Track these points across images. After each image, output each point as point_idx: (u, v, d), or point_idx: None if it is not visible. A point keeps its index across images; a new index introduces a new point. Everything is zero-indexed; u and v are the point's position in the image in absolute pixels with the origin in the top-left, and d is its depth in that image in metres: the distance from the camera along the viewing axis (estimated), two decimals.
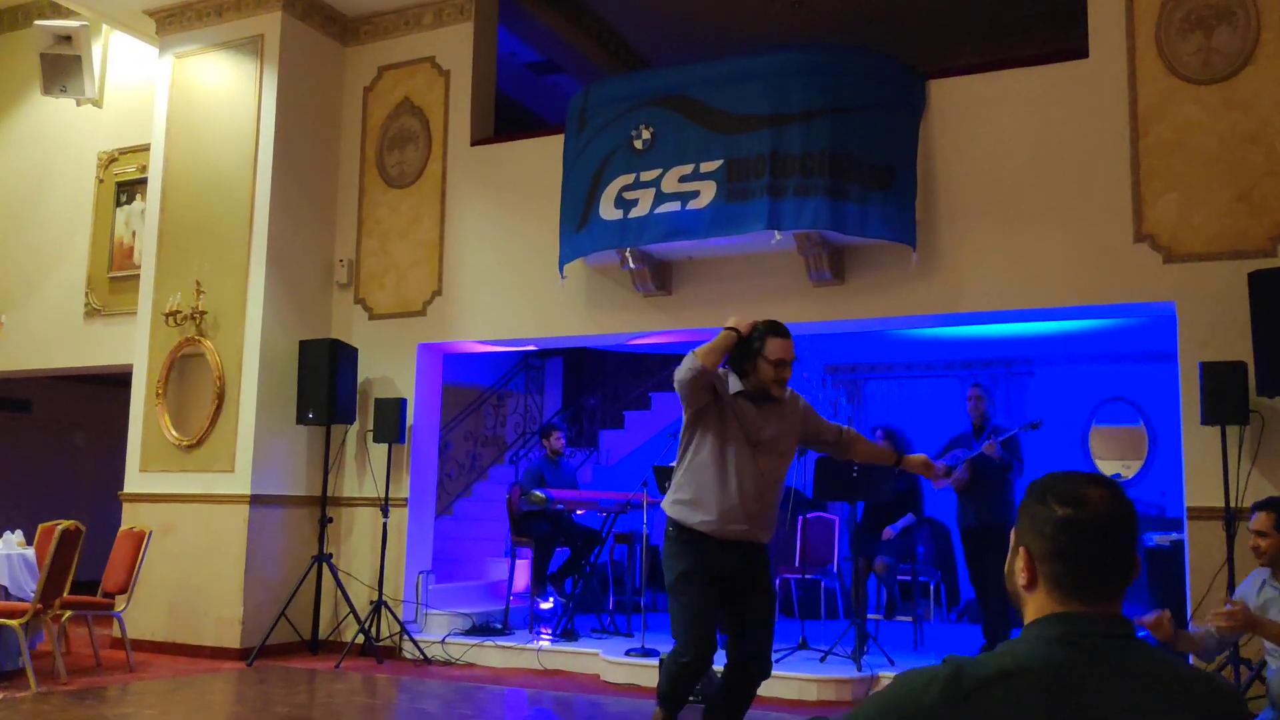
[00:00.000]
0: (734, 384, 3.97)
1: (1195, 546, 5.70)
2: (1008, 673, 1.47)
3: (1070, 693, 1.44)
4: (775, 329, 3.94)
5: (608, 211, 6.82)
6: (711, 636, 3.89)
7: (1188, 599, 5.70)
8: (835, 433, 4.21)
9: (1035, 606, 1.58)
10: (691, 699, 4.20)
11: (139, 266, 8.37)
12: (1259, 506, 3.96)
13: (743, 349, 3.92)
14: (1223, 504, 5.48)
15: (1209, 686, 1.51)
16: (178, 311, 7.84)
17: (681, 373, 3.85)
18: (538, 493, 7.71)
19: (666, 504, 4.04)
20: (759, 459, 3.91)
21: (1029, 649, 1.51)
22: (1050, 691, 1.44)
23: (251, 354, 7.67)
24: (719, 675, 4.13)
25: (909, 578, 7.68)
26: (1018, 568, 1.61)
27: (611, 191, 6.82)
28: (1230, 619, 3.52)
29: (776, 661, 6.33)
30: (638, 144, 6.80)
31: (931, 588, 8.28)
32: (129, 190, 8.89)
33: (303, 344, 7.77)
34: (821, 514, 8.93)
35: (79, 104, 9.03)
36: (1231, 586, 5.18)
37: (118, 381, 9.07)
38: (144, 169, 8.53)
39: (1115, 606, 1.55)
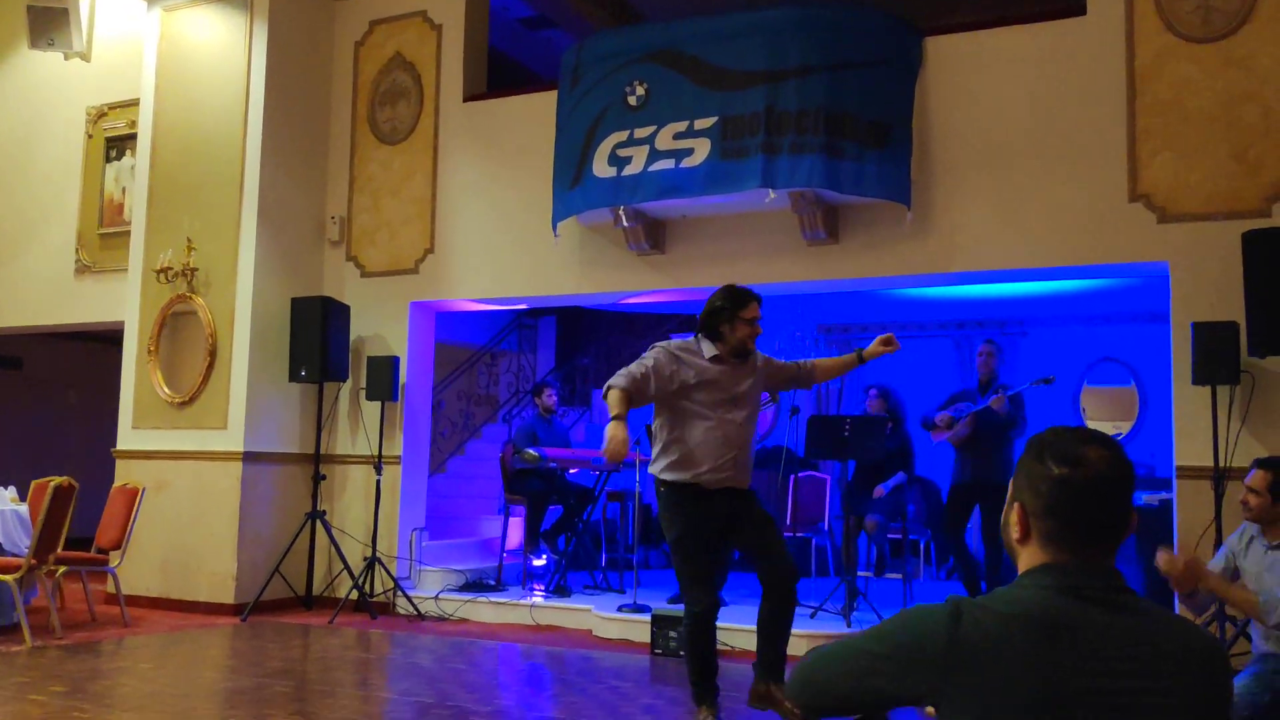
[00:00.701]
0: (707, 349, 4.26)
1: (1184, 505, 5.74)
2: (1006, 616, 1.50)
3: (1066, 639, 1.48)
4: (748, 293, 4.28)
5: (601, 169, 6.77)
6: (715, 585, 4.20)
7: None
8: (796, 368, 4.57)
9: (1028, 558, 1.61)
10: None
11: (129, 223, 8.33)
12: (1260, 464, 3.95)
13: (719, 314, 4.24)
14: (1212, 463, 5.52)
15: (1194, 636, 1.54)
16: (169, 268, 7.80)
17: (606, 394, 4.23)
18: (531, 451, 7.72)
19: (656, 470, 4.28)
20: (735, 413, 4.23)
21: (1026, 596, 1.54)
22: (1048, 636, 1.47)
23: (243, 311, 7.64)
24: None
25: (899, 536, 7.73)
26: (1012, 521, 1.63)
27: (605, 149, 6.77)
28: (1171, 565, 3.59)
29: None
30: (632, 100, 6.74)
31: (921, 546, 8.34)
32: (119, 146, 8.82)
33: (295, 301, 7.75)
34: (813, 473, 8.98)
35: (67, 58, 8.93)
36: (1219, 543, 5.23)
37: (109, 339, 9.05)
38: (134, 124, 8.45)
39: (1108, 559, 1.57)
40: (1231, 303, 5.53)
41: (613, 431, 4.04)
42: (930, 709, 1.56)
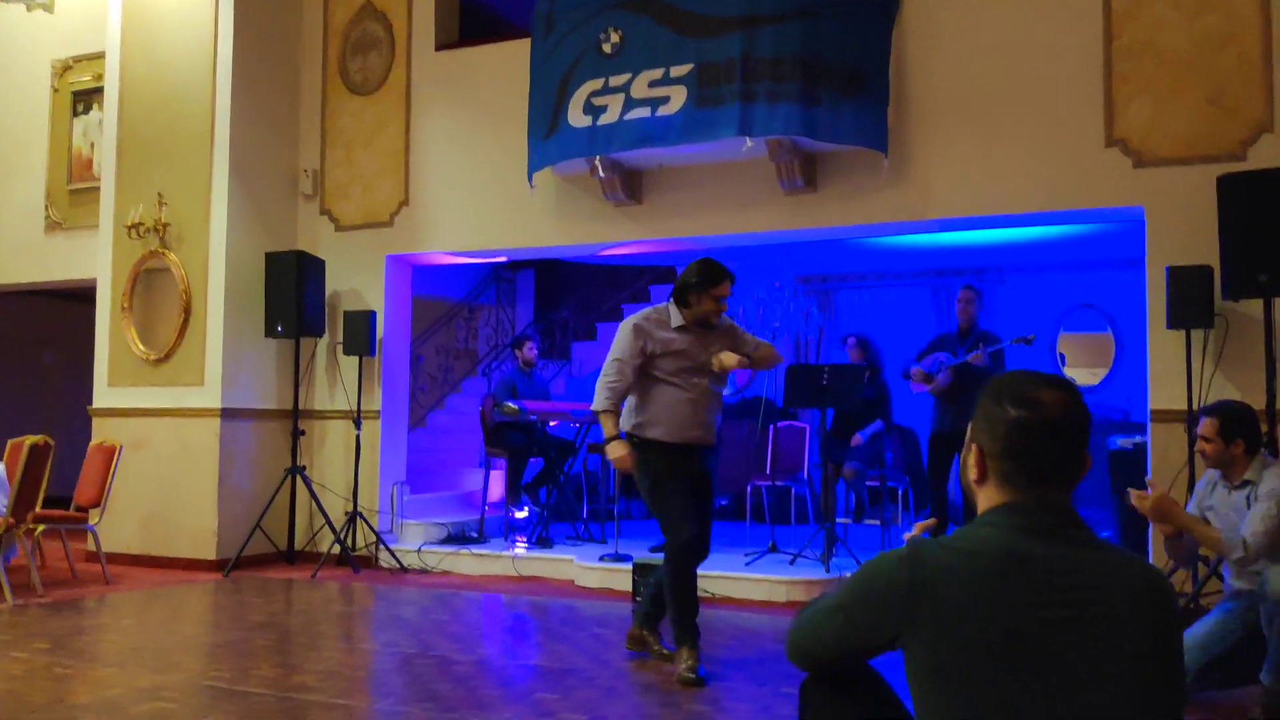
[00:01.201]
0: (675, 317, 4.47)
1: (1157, 448, 5.81)
2: (966, 554, 1.55)
3: (1023, 573, 1.52)
4: (722, 272, 4.46)
5: (576, 118, 6.70)
6: (696, 521, 4.33)
7: None
8: (754, 346, 4.67)
9: (986, 499, 1.66)
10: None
11: (99, 178, 8.22)
12: (1206, 412, 4.04)
13: (691, 287, 4.43)
14: (1185, 406, 5.57)
15: (1142, 569, 1.60)
16: (140, 224, 7.71)
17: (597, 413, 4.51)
18: (510, 404, 7.72)
19: (625, 426, 4.47)
20: (701, 379, 4.44)
21: (985, 534, 1.59)
22: (1005, 572, 1.52)
23: (217, 267, 7.57)
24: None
25: (877, 483, 7.80)
26: (970, 463, 1.68)
27: (580, 98, 6.70)
28: (1141, 502, 3.68)
29: (747, 565, 6.48)
30: (606, 48, 6.66)
31: (899, 492, 8.41)
32: (86, 100, 8.68)
33: (269, 256, 7.68)
34: (792, 422, 9.02)
35: (30, 9, 8.76)
36: (1191, 485, 5.30)
37: (84, 297, 8.96)
38: (100, 77, 8.30)
39: (1065, 497, 1.62)
40: (1206, 246, 5.54)
41: (614, 453, 4.40)
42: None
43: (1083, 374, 10.09)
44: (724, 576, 6.31)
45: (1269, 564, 3.67)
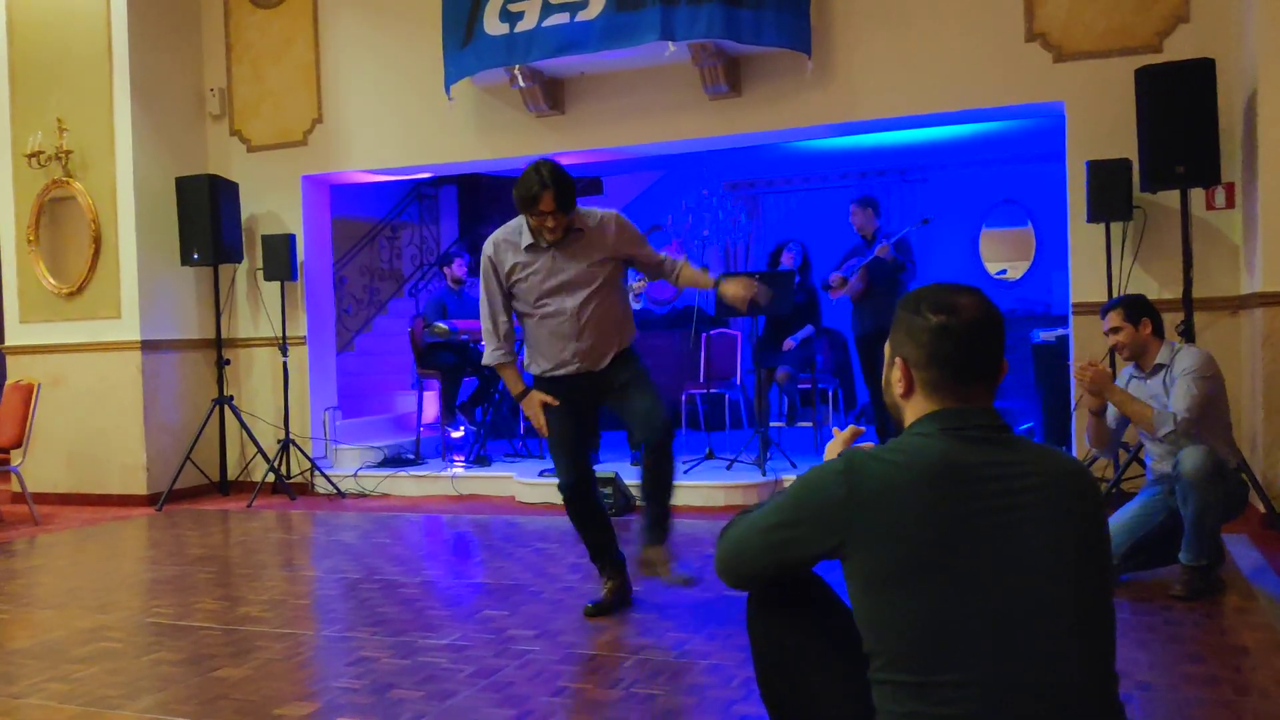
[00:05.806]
0: (526, 234, 3.91)
1: (1079, 340, 5.95)
2: (898, 464, 1.59)
3: (953, 475, 1.58)
4: (531, 193, 3.73)
5: (492, 26, 6.52)
6: (579, 459, 3.98)
7: (1071, 391, 5.99)
8: (659, 263, 4.11)
9: (914, 410, 1.71)
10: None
11: None
12: (1107, 308, 4.16)
13: (517, 204, 3.82)
14: (1106, 298, 5.69)
15: (1063, 460, 1.67)
16: (40, 152, 7.37)
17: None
18: (440, 324, 7.63)
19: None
20: (565, 300, 3.88)
21: (917, 443, 1.64)
22: (936, 476, 1.57)
23: (126, 194, 7.29)
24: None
25: (809, 386, 7.91)
26: (894, 379, 1.73)
27: (495, 4, 6.50)
28: (1087, 377, 3.82)
29: (685, 472, 6.55)
30: None
31: (830, 394, 8.54)
32: None
33: (179, 181, 7.41)
34: (724, 330, 9.07)
35: None
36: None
37: None
38: None
39: (988, 400, 1.68)
40: (1125, 140, 5.62)
41: (527, 409, 3.99)
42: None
43: (1004, 268, 10.27)
44: (682, 485, 6.37)
45: (1183, 444, 3.81)
